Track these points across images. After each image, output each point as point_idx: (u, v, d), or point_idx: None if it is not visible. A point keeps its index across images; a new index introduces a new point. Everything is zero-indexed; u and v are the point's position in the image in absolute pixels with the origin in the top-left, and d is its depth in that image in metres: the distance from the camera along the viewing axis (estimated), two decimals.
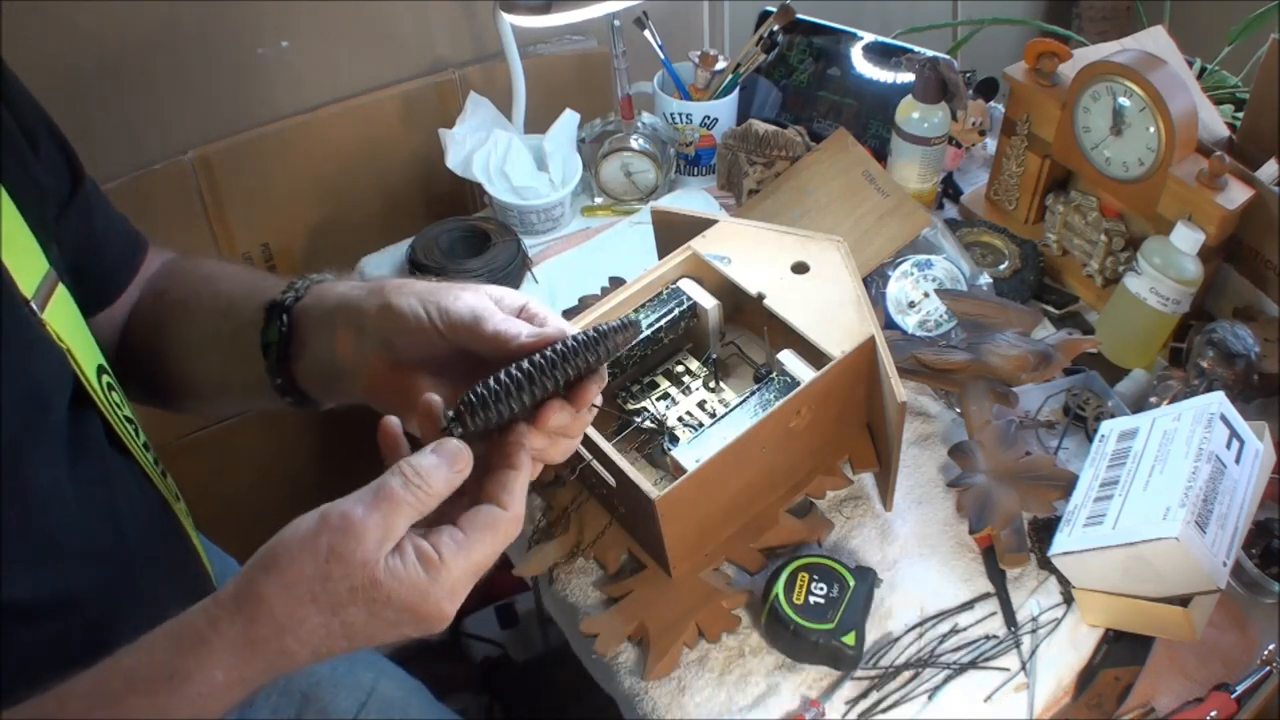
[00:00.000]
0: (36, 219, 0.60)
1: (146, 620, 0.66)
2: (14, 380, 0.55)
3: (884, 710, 0.76)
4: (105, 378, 0.65)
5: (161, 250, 0.78)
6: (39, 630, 0.57)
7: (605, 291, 1.10)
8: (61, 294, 0.61)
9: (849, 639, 0.77)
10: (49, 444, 0.58)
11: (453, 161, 1.19)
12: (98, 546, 0.62)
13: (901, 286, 1.03)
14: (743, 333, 0.94)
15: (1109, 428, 0.87)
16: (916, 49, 1.18)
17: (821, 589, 0.79)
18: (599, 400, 0.58)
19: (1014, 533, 0.84)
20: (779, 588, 0.78)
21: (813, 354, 0.82)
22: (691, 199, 1.25)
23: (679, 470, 0.76)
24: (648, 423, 0.86)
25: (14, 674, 0.55)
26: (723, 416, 0.80)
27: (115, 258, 0.74)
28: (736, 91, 1.25)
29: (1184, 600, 0.74)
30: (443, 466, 0.52)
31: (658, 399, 0.88)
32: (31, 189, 0.61)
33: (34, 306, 0.57)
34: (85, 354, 0.62)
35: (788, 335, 0.83)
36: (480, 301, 0.59)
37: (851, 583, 0.80)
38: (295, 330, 0.66)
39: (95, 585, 0.61)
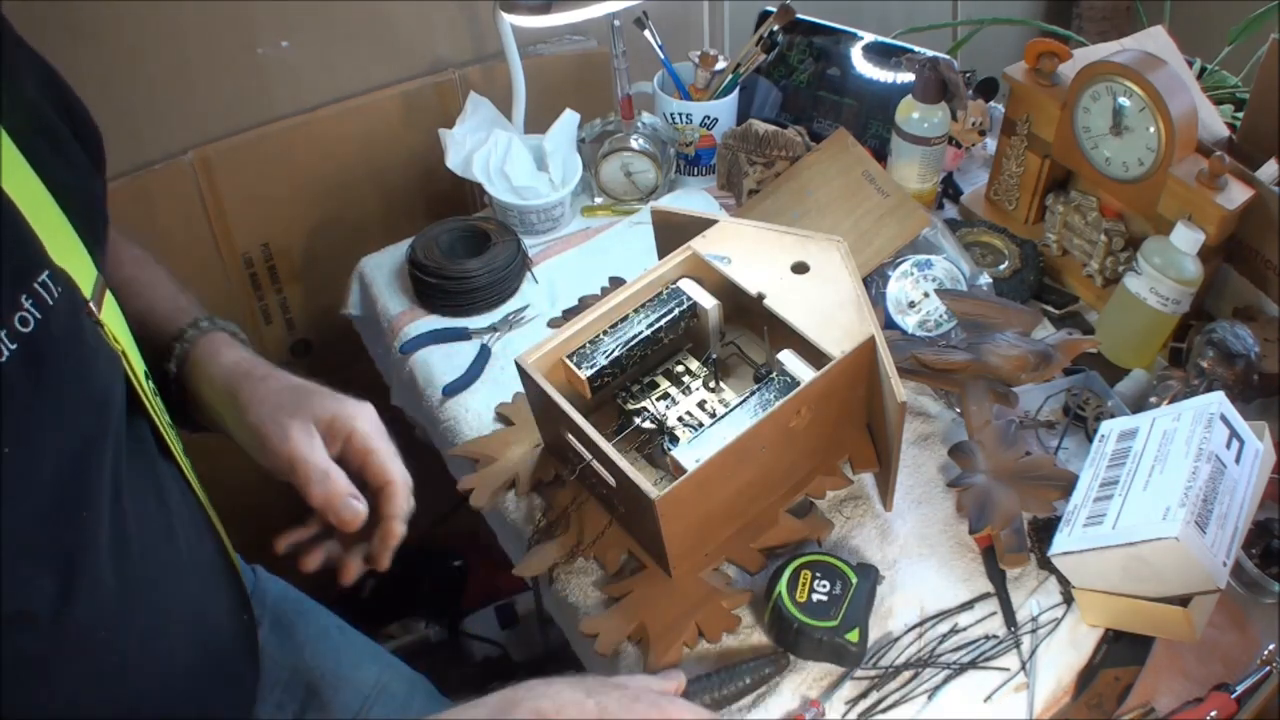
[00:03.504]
0: (86, 225, 0.60)
1: (195, 627, 0.66)
2: (83, 384, 0.55)
3: (884, 710, 0.76)
4: (150, 381, 0.65)
5: None
6: (102, 643, 0.57)
7: (605, 291, 1.10)
8: (110, 298, 0.61)
9: (853, 636, 0.77)
10: (113, 450, 0.58)
11: (453, 161, 1.19)
12: (151, 555, 0.62)
13: (901, 286, 1.03)
14: (743, 333, 0.94)
15: (1109, 428, 0.87)
16: (916, 49, 1.18)
17: (824, 586, 0.79)
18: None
19: (1014, 533, 0.84)
20: (782, 586, 0.78)
21: (813, 354, 0.82)
22: (691, 199, 1.25)
23: (679, 470, 0.76)
24: (648, 423, 0.86)
25: (78, 684, 0.56)
26: (723, 416, 0.80)
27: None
28: (736, 91, 1.25)
29: (1184, 600, 0.74)
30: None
31: (658, 399, 0.88)
32: (84, 199, 0.62)
33: (92, 307, 0.58)
34: (135, 358, 0.63)
35: (788, 335, 0.83)
36: (299, 451, 0.67)
37: (854, 580, 0.80)
38: (189, 393, 0.74)
39: (150, 592, 0.61)
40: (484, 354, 1.05)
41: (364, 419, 0.70)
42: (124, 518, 0.58)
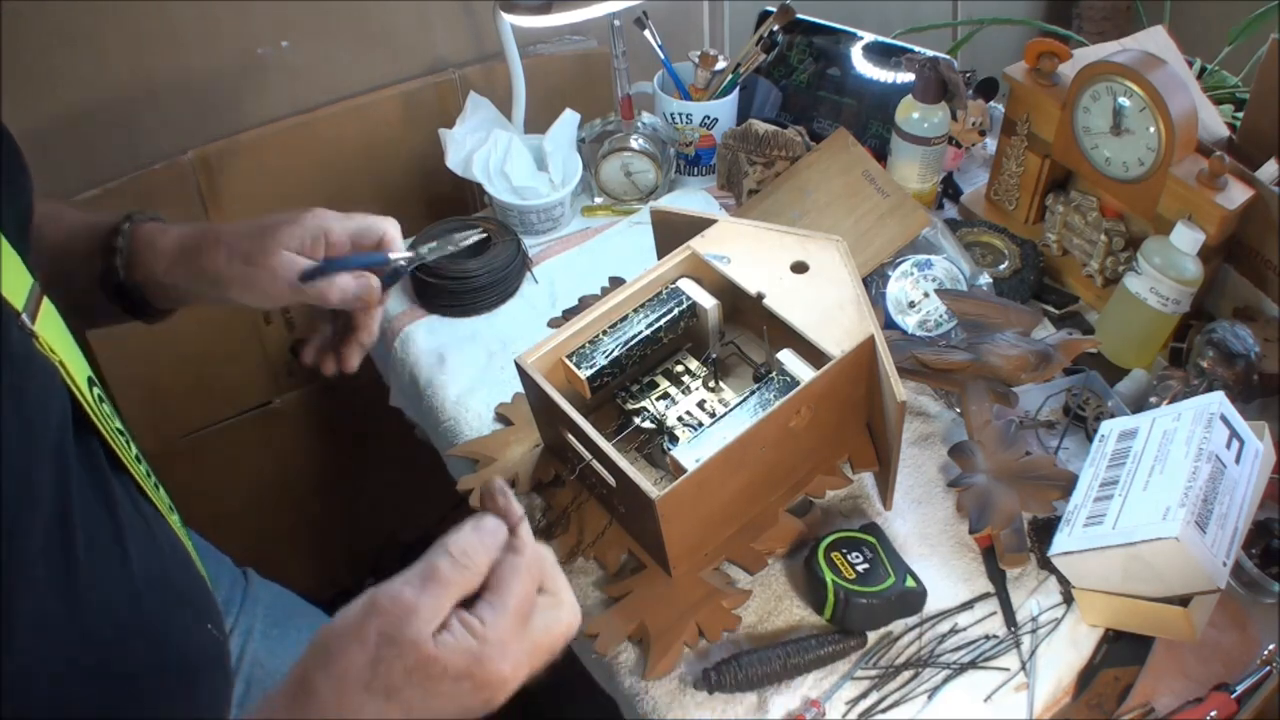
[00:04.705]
0: (17, 233, 0.58)
1: (156, 643, 0.64)
2: (17, 405, 0.52)
3: (884, 710, 0.76)
4: (95, 389, 0.63)
5: None
6: (50, 665, 0.55)
7: (605, 291, 1.10)
8: (48, 306, 0.59)
9: (911, 582, 0.80)
10: (55, 469, 0.56)
11: (453, 161, 1.19)
12: (105, 573, 0.60)
13: (901, 286, 1.03)
14: (742, 332, 0.94)
15: (1109, 428, 0.87)
16: (916, 49, 1.18)
17: (857, 557, 0.81)
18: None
19: (1014, 533, 0.84)
20: (829, 576, 0.79)
21: (812, 354, 0.82)
22: (691, 199, 1.25)
23: (679, 470, 0.76)
24: (647, 423, 0.86)
25: (30, 708, 0.53)
26: (722, 416, 0.80)
27: None
28: (736, 91, 1.25)
29: (1184, 600, 0.74)
30: (484, 541, 0.54)
31: (657, 399, 0.88)
32: (17, 204, 0.60)
33: (25, 319, 0.55)
34: (76, 367, 0.60)
35: (787, 335, 0.83)
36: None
37: (873, 539, 0.82)
38: (146, 293, 0.78)
39: (105, 612, 0.59)
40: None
41: (322, 218, 0.79)
42: (72, 540, 0.56)
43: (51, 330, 0.58)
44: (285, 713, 0.49)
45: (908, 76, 1.19)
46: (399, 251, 0.81)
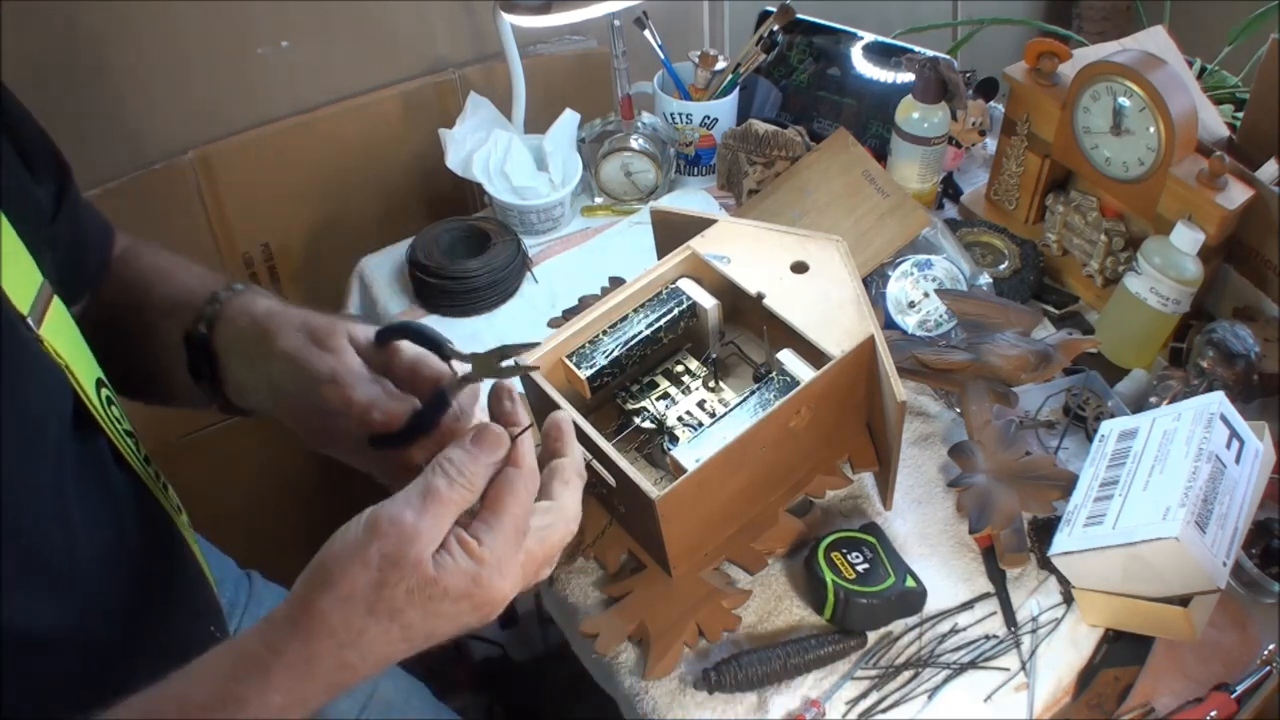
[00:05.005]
0: (28, 232, 0.58)
1: (156, 642, 0.64)
2: (12, 406, 0.52)
3: (884, 710, 0.76)
4: (104, 391, 0.63)
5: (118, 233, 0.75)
6: (49, 661, 0.56)
7: (605, 291, 1.10)
8: (57, 307, 0.59)
9: (911, 582, 0.80)
10: (52, 469, 0.56)
11: (453, 161, 1.19)
12: (106, 573, 0.60)
13: (901, 286, 1.03)
14: (742, 332, 0.94)
15: (1109, 428, 0.87)
16: (916, 49, 1.18)
17: (857, 557, 0.81)
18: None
19: (1014, 533, 0.84)
20: (829, 576, 0.79)
21: (812, 354, 0.82)
22: (691, 199, 1.25)
23: (679, 470, 0.76)
24: (647, 423, 0.86)
25: (28, 705, 0.53)
26: (722, 416, 0.80)
27: (95, 250, 0.71)
28: (736, 91, 1.25)
29: (1184, 600, 0.74)
30: (481, 457, 0.53)
31: (657, 399, 0.88)
32: (25, 204, 0.59)
33: (30, 323, 0.55)
34: (84, 369, 0.60)
35: (787, 335, 0.83)
36: (342, 358, 0.63)
37: (873, 539, 0.82)
38: (217, 358, 0.67)
39: (105, 611, 0.59)
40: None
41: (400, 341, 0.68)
42: (74, 539, 0.56)
43: (59, 332, 0.58)
44: (288, 635, 0.49)
45: (908, 76, 1.19)
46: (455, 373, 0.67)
